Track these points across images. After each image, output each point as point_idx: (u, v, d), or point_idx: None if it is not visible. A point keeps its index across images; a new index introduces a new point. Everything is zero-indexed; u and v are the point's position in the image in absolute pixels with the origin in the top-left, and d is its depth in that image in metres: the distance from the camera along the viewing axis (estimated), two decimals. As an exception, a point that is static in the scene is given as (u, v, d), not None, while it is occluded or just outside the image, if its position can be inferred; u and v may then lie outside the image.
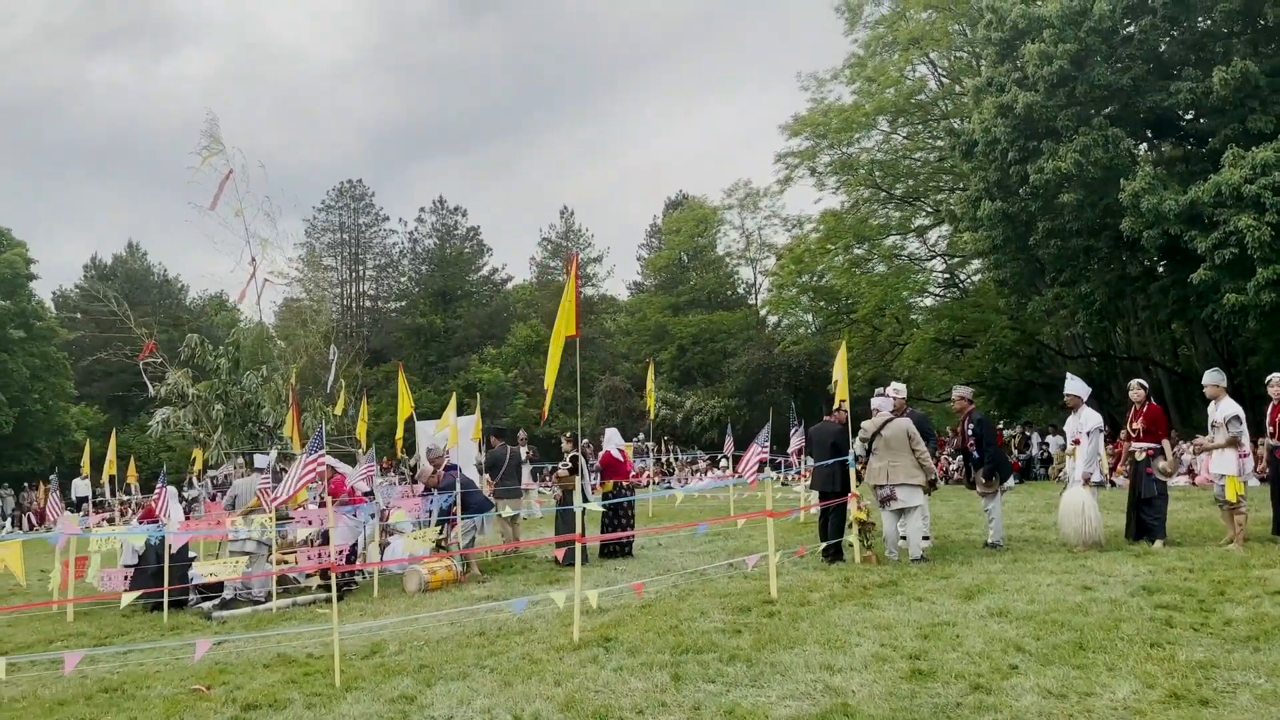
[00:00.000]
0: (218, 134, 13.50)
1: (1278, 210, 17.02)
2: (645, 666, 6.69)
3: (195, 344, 13.87)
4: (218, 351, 13.57)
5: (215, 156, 13.48)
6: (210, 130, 13.55)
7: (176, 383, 13.14)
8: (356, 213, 70.63)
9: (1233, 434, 10.82)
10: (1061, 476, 24.46)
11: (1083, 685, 5.64)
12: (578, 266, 7.54)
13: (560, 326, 7.46)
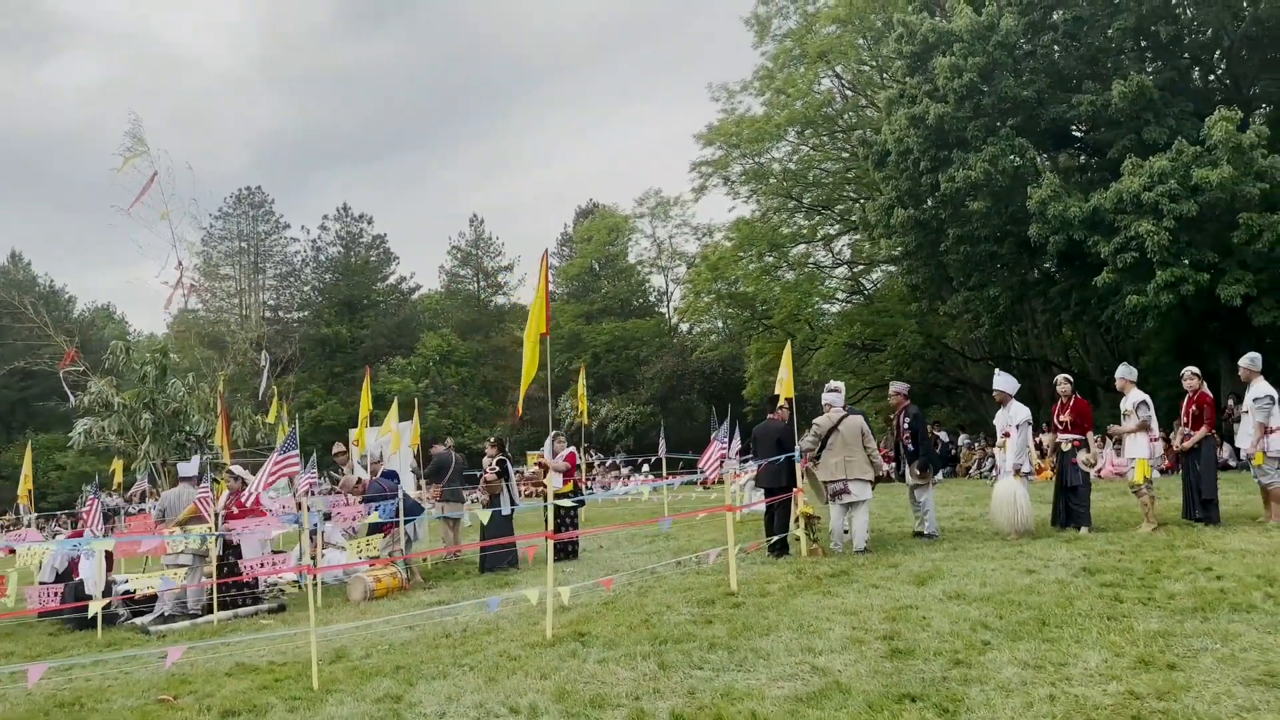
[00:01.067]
0: (141, 135, 13.12)
1: (1174, 216, 18.05)
2: (628, 657, 6.77)
3: (120, 351, 13.38)
4: (145, 359, 13.10)
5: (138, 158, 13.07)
6: (134, 131, 13.16)
7: (100, 391, 12.65)
8: (255, 220, 68.91)
9: (1142, 419, 11.45)
10: (973, 473, 25.45)
11: (1055, 656, 5.95)
12: (547, 265, 7.58)
13: (533, 325, 7.51)
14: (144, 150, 13.08)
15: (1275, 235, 17.67)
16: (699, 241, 58.84)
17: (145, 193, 12.96)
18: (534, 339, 7.54)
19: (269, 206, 68.80)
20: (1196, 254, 18.59)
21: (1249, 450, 11.10)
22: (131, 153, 13.15)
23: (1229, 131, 17.75)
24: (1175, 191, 18.10)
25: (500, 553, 12.86)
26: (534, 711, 5.73)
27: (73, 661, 7.70)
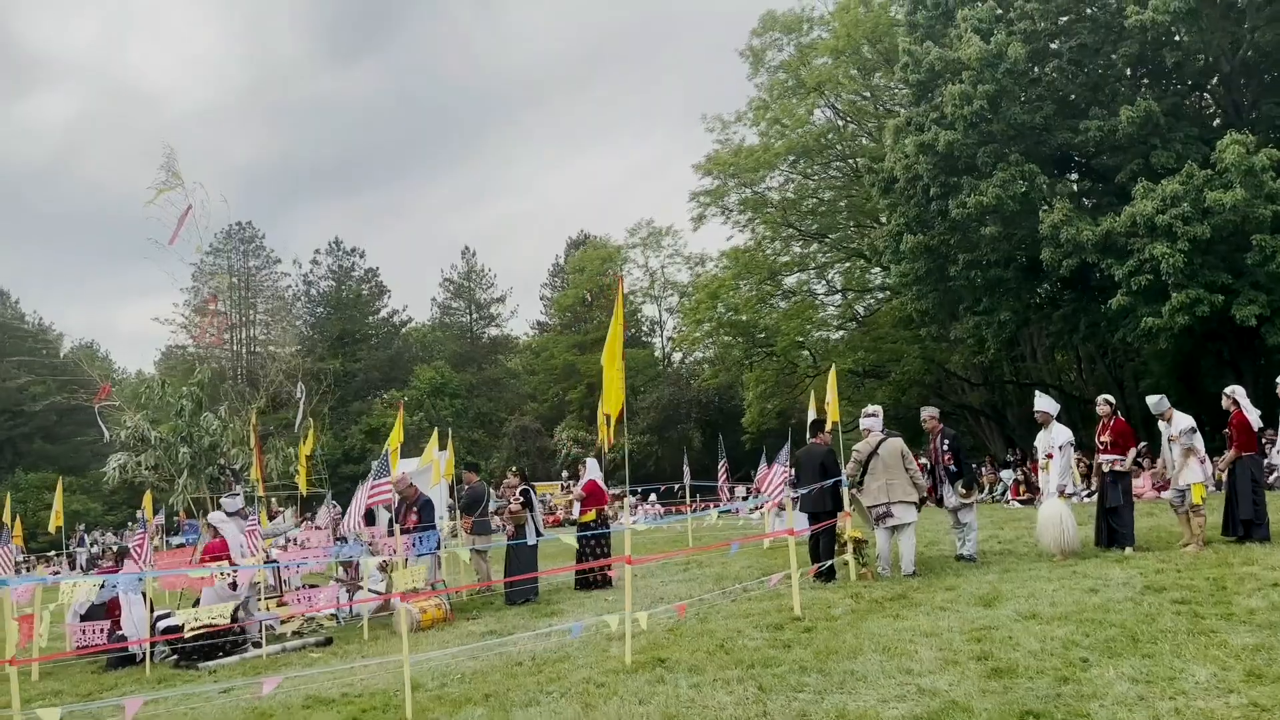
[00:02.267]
0: (176, 168, 13.09)
1: (1188, 238, 18.29)
2: (721, 682, 6.74)
3: (156, 385, 13.31)
4: (181, 393, 13.03)
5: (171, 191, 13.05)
6: (168, 165, 13.13)
7: (137, 426, 12.55)
8: (246, 255, 68.82)
9: (1185, 445, 11.52)
10: (983, 497, 25.51)
11: (1161, 672, 5.96)
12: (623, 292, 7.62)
13: (613, 349, 7.55)
14: (179, 183, 13.07)
15: (1287, 256, 17.92)
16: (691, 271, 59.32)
17: (182, 226, 12.93)
18: (615, 362, 7.56)
19: (260, 241, 68.78)
20: (1210, 276, 18.84)
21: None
22: (166, 185, 13.15)
23: (1240, 155, 18.05)
24: (1188, 214, 18.36)
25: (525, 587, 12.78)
26: (649, 736, 5.70)
27: (162, 694, 7.57)
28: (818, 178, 40.67)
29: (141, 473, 12.89)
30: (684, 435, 54.58)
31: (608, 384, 7.70)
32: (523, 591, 12.67)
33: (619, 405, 7.67)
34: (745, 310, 40.04)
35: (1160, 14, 19.47)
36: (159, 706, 7.86)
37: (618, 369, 7.56)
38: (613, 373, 7.61)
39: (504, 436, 56.70)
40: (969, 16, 22.69)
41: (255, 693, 8.20)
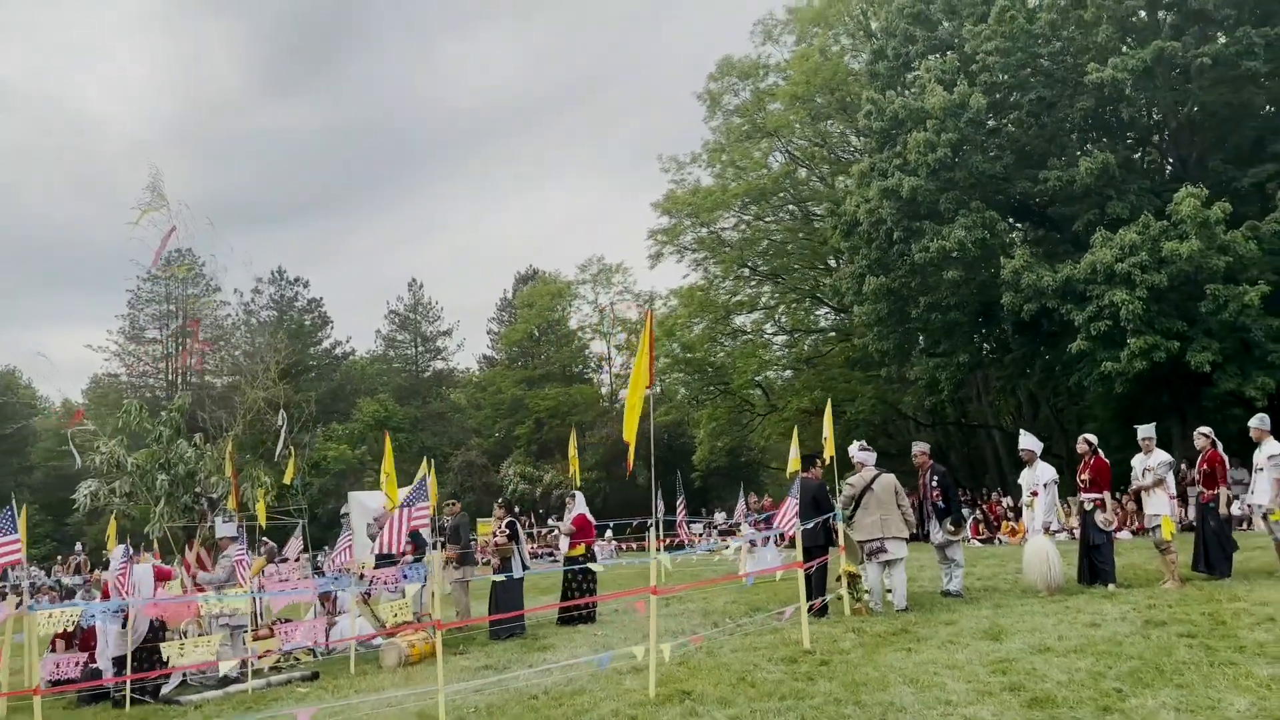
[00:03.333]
0: (161, 189, 12.84)
1: (1146, 286, 18.94)
2: (759, 713, 6.72)
3: (134, 410, 12.91)
4: (160, 418, 12.67)
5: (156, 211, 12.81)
6: (154, 185, 12.87)
7: (112, 452, 12.15)
8: (185, 283, 67.29)
9: (1159, 476, 11.89)
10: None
11: (1201, 701, 6.10)
12: (652, 324, 7.67)
13: (638, 379, 7.58)
14: (163, 204, 12.82)
15: (1239, 305, 18.64)
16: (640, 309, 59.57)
17: (164, 247, 12.68)
18: (639, 391, 7.59)
19: (199, 269, 67.27)
20: (1166, 323, 19.50)
21: (1267, 506, 11.56)
22: (150, 206, 12.89)
23: (1195, 207, 18.81)
24: (1146, 263, 19.04)
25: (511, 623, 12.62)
26: (705, 767, 5.65)
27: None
28: (770, 220, 41.35)
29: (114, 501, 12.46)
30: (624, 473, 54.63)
31: (629, 412, 7.71)
32: (509, 628, 12.49)
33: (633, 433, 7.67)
34: (698, 348, 40.38)
35: (1119, 72, 20.30)
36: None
37: (640, 398, 7.59)
38: (634, 401, 7.64)
39: (449, 471, 55.98)
40: (932, 67, 23.39)
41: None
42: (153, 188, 12.86)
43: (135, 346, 66.06)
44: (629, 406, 7.67)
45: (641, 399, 7.60)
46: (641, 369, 7.69)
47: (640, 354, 7.69)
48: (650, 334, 7.71)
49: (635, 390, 7.67)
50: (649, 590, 7.99)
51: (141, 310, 65.49)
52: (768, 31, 39.86)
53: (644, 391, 7.60)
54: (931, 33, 25.56)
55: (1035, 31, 22.23)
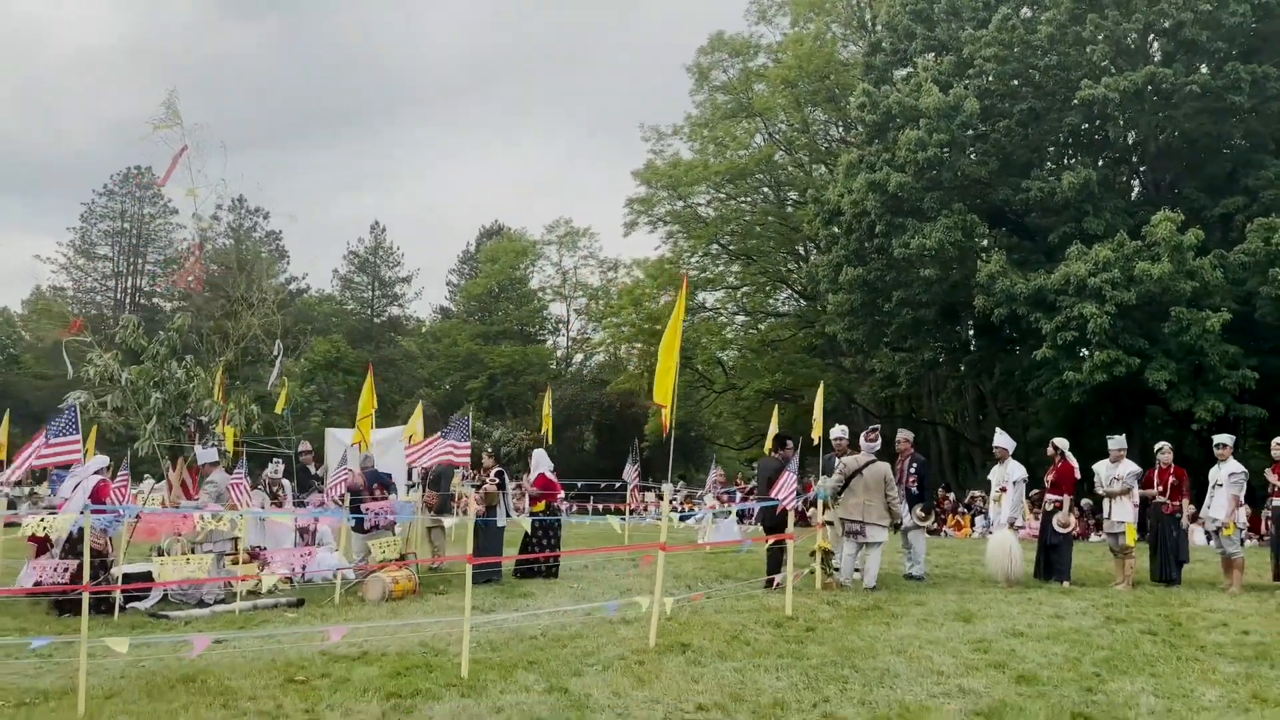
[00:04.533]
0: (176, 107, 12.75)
1: (1115, 302, 19.62)
2: (762, 669, 7.08)
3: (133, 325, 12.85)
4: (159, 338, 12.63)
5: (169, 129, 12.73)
6: (169, 102, 12.77)
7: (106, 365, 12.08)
8: (142, 201, 65.87)
9: (1126, 485, 12.50)
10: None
11: (1174, 690, 6.57)
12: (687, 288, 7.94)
13: (671, 344, 7.87)
14: (177, 123, 12.73)
15: (1200, 329, 19.41)
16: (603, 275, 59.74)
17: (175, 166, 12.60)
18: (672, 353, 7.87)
19: (157, 190, 65.82)
20: (1130, 339, 20.22)
21: (1223, 520, 12.21)
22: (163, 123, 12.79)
23: (1171, 231, 19.50)
24: (1117, 280, 19.71)
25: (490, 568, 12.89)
26: (725, 710, 5.99)
27: (228, 635, 7.36)
28: (744, 200, 41.68)
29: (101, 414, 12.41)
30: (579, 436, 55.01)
31: (661, 374, 7.99)
32: (486, 573, 12.74)
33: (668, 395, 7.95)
34: (663, 320, 40.70)
35: (1111, 91, 20.86)
36: (217, 649, 7.68)
37: (673, 361, 7.87)
38: (668, 363, 7.91)
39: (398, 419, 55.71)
40: (929, 67, 23.78)
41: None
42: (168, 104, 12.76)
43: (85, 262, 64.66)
44: (661, 369, 7.95)
45: (675, 362, 7.88)
46: (674, 334, 7.97)
47: (674, 320, 7.97)
48: (683, 301, 8.00)
49: (668, 354, 7.94)
50: (658, 546, 8.30)
51: (95, 225, 64.06)
52: (762, 11, 40.02)
53: (677, 355, 7.88)
54: (930, 31, 25.94)
55: (1033, 43, 22.70)
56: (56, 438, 8.15)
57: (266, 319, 14.15)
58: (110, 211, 64.42)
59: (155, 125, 12.74)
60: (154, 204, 65.22)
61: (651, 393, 37.22)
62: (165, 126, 12.71)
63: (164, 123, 12.72)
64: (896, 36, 26.51)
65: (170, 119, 12.70)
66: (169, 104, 12.70)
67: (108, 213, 64.39)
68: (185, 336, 13.16)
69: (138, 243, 65.16)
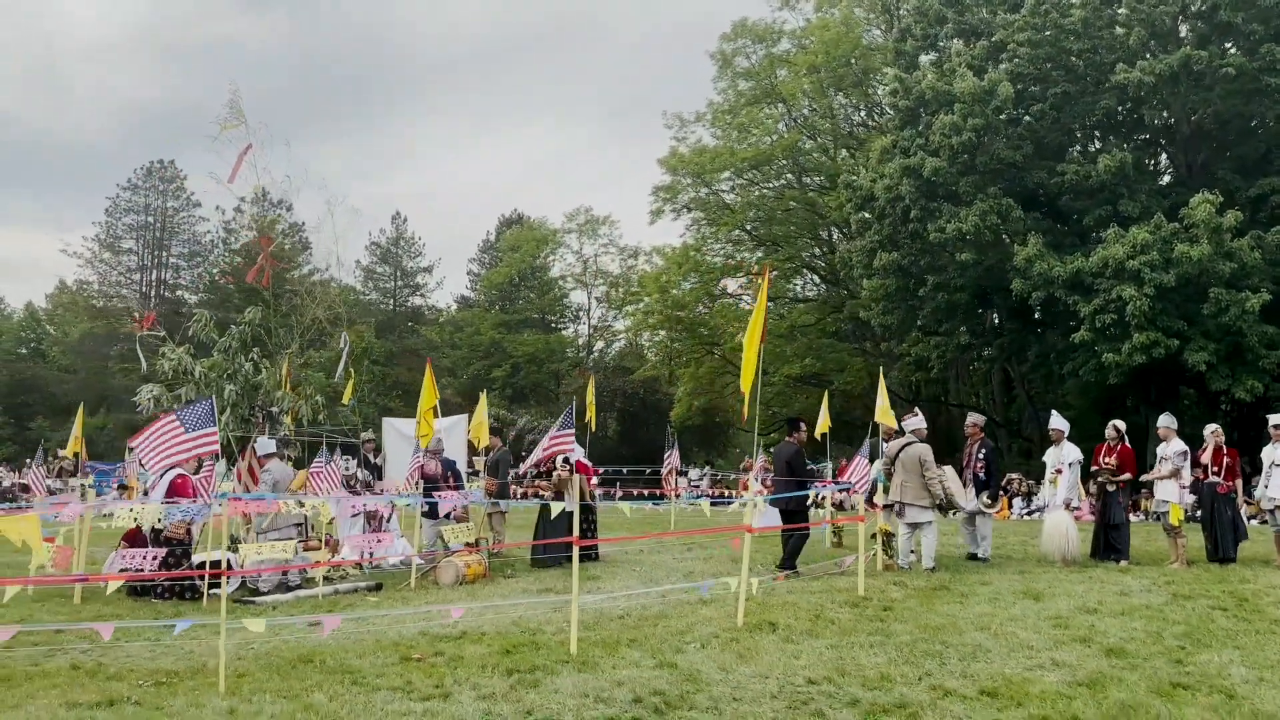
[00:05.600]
0: (240, 106, 13.04)
1: (1154, 284, 19.76)
2: (857, 646, 7.34)
3: (205, 320, 13.16)
4: (231, 332, 12.95)
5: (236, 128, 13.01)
6: (234, 101, 13.06)
7: (180, 359, 12.38)
8: (165, 195, 66.37)
9: (1176, 466, 12.69)
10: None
11: (1263, 660, 6.81)
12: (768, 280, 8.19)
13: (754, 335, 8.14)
14: (241, 122, 12.99)
15: (1240, 310, 19.53)
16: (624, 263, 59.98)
17: (240, 164, 12.88)
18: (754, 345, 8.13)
19: (181, 182, 66.33)
20: (1168, 321, 20.35)
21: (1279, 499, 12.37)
22: (230, 122, 13.07)
23: (1209, 213, 19.60)
24: (1156, 262, 19.83)
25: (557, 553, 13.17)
26: (833, 683, 6.25)
27: (356, 615, 7.66)
28: (769, 186, 41.80)
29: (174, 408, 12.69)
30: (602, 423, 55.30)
31: (747, 366, 8.26)
32: (554, 557, 13.04)
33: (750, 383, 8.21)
34: (689, 307, 40.93)
35: (1147, 75, 20.94)
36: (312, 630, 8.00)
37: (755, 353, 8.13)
38: (750, 355, 8.17)
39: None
40: (963, 52, 23.86)
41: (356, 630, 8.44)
42: (233, 104, 13.03)
43: (110, 255, 65.14)
44: (746, 361, 8.21)
45: (757, 354, 8.14)
46: (757, 325, 8.23)
47: (757, 311, 8.23)
48: (765, 293, 8.26)
49: (751, 346, 8.19)
50: (744, 528, 8.56)
51: (120, 219, 64.60)
52: (786, -3, 40.05)
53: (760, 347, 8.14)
54: (961, 16, 26.00)
55: (1066, 27, 22.76)
56: (194, 430, 8.44)
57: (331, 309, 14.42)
58: (135, 205, 64.94)
59: (222, 125, 13.01)
60: (177, 197, 65.72)
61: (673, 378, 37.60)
62: (232, 126, 12.98)
63: (230, 122, 12.99)
64: (927, 21, 26.57)
65: (235, 118, 12.97)
66: (233, 103, 12.97)
67: (132, 206, 64.93)
68: (254, 329, 13.44)
69: (161, 236, 65.65)
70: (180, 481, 11.12)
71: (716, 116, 41.62)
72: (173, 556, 10.32)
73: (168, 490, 10.31)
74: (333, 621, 6.66)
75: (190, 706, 5.91)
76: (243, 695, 6.18)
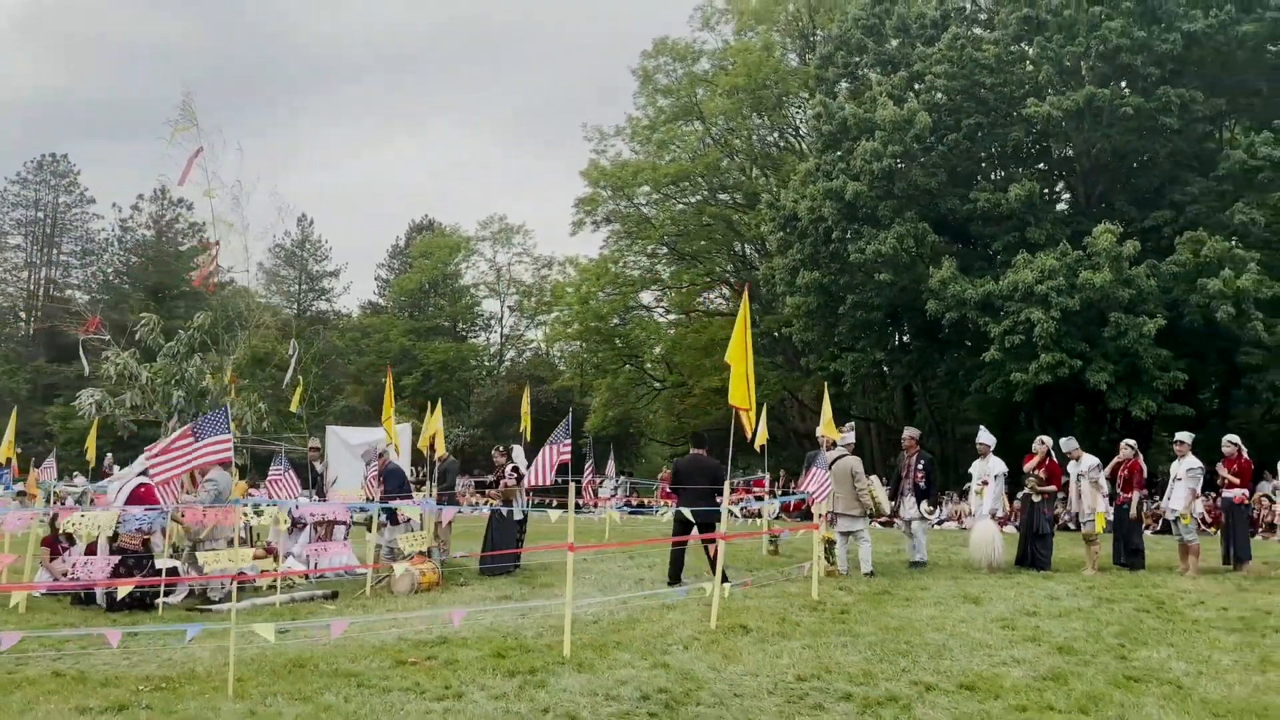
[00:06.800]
0: (192, 109, 12.90)
1: (1060, 308, 20.99)
2: (827, 646, 7.79)
3: (153, 324, 12.91)
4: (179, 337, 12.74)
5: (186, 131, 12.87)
6: (186, 103, 12.91)
7: (125, 363, 12.12)
8: (57, 190, 63.73)
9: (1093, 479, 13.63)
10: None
11: (1195, 655, 7.50)
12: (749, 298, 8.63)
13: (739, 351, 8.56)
14: (193, 125, 12.85)
15: (1137, 334, 20.89)
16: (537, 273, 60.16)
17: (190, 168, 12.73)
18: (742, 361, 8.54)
19: (74, 178, 63.85)
20: (1071, 343, 21.62)
21: (1180, 511, 13.41)
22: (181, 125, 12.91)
23: (1111, 242, 20.93)
24: (1062, 287, 21.07)
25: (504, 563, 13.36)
26: (821, 679, 6.69)
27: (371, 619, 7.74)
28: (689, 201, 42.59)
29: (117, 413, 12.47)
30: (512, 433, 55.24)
31: (738, 381, 8.67)
32: (503, 565, 13.22)
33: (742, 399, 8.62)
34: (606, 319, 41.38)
35: (1056, 109, 22.26)
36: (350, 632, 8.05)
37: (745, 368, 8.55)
38: (741, 370, 8.59)
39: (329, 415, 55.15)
40: (883, 82, 24.91)
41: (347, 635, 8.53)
42: (184, 107, 12.88)
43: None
44: (736, 376, 8.62)
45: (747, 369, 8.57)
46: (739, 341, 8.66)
47: (738, 328, 8.65)
48: (747, 309, 8.70)
49: (740, 361, 8.61)
50: (720, 535, 8.96)
51: (7, 214, 61.77)
52: (706, 19, 40.99)
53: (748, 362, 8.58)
54: (880, 46, 27.11)
55: (981, 61, 23.99)
56: (208, 437, 8.38)
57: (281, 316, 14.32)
58: (24, 200, 62.21)
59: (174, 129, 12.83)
60: (69, 193, 63.22)
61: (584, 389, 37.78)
62: (184, 129, 12.80)
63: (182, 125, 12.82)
64: (848, 50, 27.63)
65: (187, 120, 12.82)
66: (185, 106, 12.83)
67: (20, 201, 62.17)
68: (202, 334, 13.29)
69: (52, 232, 63.00)
70: (144, 491, 10.96)
71: (636, 131, 42.24)
72: (124, 566, 10.18)
73: (129, 498, 10.18)
74: (340, 625, 6.80)
75: (206, 709, 6.01)
76: (253, 699, 6.29)
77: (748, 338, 8.70)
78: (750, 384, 8.68)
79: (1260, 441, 22.18)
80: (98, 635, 8.10)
